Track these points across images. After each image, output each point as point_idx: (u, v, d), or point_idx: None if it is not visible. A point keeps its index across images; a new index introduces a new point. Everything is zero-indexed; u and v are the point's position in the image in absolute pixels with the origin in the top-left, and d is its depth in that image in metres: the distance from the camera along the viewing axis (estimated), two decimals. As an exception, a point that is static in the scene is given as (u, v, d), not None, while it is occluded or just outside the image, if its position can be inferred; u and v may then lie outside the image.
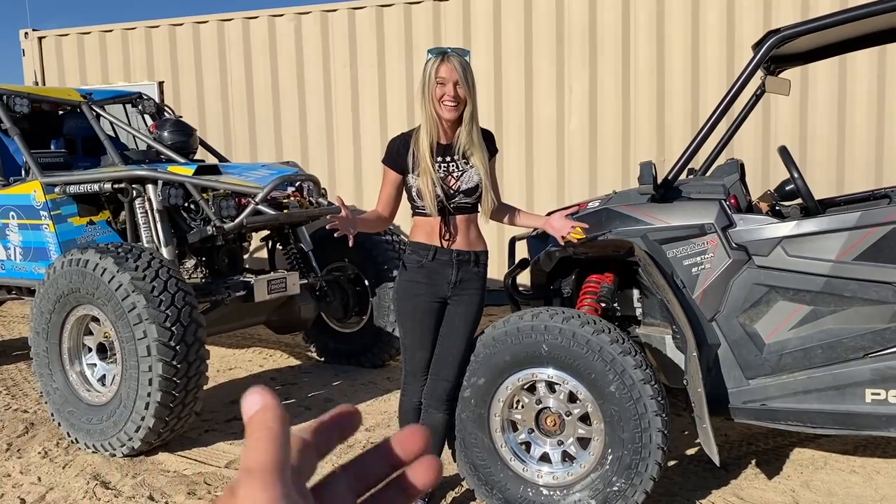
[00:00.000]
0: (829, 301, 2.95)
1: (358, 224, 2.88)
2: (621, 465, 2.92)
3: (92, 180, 4.60)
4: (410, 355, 3.10)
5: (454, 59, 2.92)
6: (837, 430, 3.01)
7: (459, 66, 2.91)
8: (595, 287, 3.49)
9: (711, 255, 3.09)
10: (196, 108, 8.31)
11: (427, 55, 2.98)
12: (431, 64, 2.93)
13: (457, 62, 2.92)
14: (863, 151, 6.71)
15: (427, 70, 2.94)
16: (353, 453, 3.97)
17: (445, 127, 2.99)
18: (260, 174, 4.90)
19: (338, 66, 7.92)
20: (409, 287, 3.02)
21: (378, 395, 4.97)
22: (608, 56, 7.15)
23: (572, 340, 2.95)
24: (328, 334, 5.74)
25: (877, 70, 6.61)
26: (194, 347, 3.89)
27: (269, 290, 4.71)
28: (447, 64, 2.91)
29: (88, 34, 8.72)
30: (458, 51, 2.97)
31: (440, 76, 2.90)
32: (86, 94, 5.56)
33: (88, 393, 4.16)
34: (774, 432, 4.00)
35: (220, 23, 8.24)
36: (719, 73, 6.90)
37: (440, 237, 2.99)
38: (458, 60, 2.92)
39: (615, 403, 2.90)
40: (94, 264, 3.92)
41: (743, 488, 3.45)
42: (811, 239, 2.94)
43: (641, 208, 3.24)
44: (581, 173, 7.31)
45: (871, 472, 3.56)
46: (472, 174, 2.98)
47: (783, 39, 3.06)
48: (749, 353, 3.08)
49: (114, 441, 3.94)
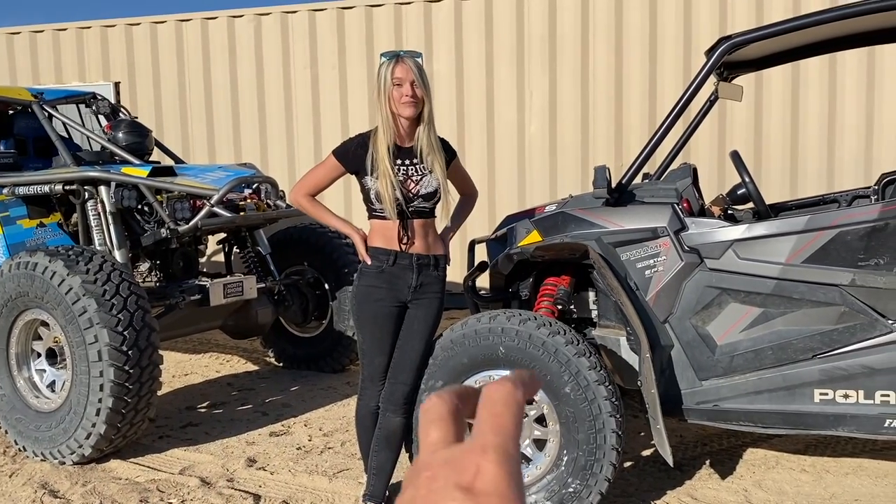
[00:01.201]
0: (778, 303, 3.00)
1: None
2: (576, 466, 2.94)
3: (42, 181, 4.49)
4: (369, 360, 3.08)
5: (409, 61, 2.93)
6: (788, 429, 3.07)
7: (414, 67, 2.93)
8: (552, 290, 3.51)
9: (664, 257, 3.13)
10: (153, 109, 8.18)
11: (381, 59, 2.98)
12: (386, 67, 2.94)
13: (411, 63, 2.93)
14: (815, 157, 6.86)
15: (382, 73, 2.94)
16: (309, 457, 3.95)
17: (403, 129, 2.99)
18: (216, 176, 4.83)
19: (298, 68, 7.86)
20: (369, 292, 3.00)
21: (337, 400, 4.93)
22: (567, 62, 7.22)
23: (528, 342, 2.96)
24: (287, 339, 5.68)
25: (828, 77, 6.77)
26: (147, 352, 3.82)
27: (225, 293, 4.64)
28: (402, 65, 2.92)
29: (41, 32, 8.53)
30: (411, 53, 2.98)
31: (396, 76, 2.90)
32: (37, 93, 5.43)
33: (37, 399, 4.06)
34: (728, 433, 4.06)
35: (178, 23, 8.13)
36: (676, 79, 7.00)
37: (399, 241, 2.98)
38: (412, 62, 2.94)
39: (570, 404, 2.92)
40: (44, 267, 3.83)
41: (697, 488, 3.49)
42: (761, 242, 3.00)
43: (596, 212, 3.27)
44: (542, 176, 7.36)
45: (821, 470, 3.64)
46: (430, 179, 2.98)
47: (734, 46, 3.12)
48: (701, 355, 3.12)
49: (63, 448, 3.85)
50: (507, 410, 0.41)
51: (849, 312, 2.92)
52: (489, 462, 0.38)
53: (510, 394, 0.42)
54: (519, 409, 0.41)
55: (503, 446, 0.39)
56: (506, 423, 0.40)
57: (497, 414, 0.41)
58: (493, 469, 0.38)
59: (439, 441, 0.41)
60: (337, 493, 3.54)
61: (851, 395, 2.94)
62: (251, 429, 4.43)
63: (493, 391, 0.42)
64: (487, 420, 0.40)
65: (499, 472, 0.38)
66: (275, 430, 4.40)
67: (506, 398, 0.41)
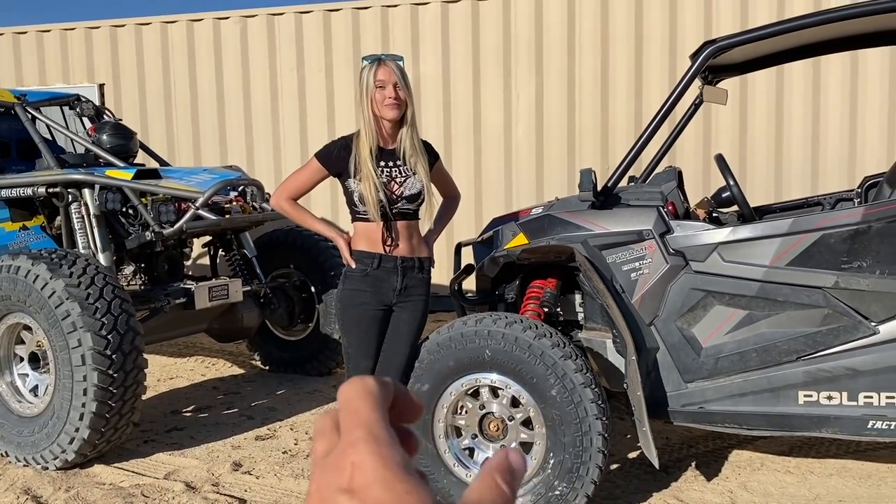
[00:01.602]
0: (763, 305, 3.02)
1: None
2: (563, 468, 2.94)
3: (25, 184, 4.46)
4: (355, 364, 3.07)
5: (391, 63, 2.94)
6: (772, 431, 3.09)
7: (396, 69, 2.93)
8: (538, 292, 3.51)
9: (649, 260, 3.14)
10: (138, 111, 8.13)
11: (362, 62, 2.99)
12: (368, 70, 2.94)
13: (393, 65, 2.93)
14: (799, 159, 6.91)
15: (364, 76, 2.94)
16: (295, 461, 3.93)
17: (385, 132, 2.99)
18: (201, 178, 4.81)
19: (285, 71, 7.84)
20: (354, 296, 2.99)
21: (323, 404, 4.91)
22: (554, 64, 7.24)
23: (514, 345, 2.96)
24: (273, 342, 5.66)
25: (812, 80, 6.82)
26: (131, 356, 3.79)
27: (211, 297, 4.62)
28: (384, 67, 2.92)
29: (24, 34, 8.46)
30: (393, 56, 2.99)
31: (379, 79, 2.90)
32: (20, 94, 5.39)
33: (19, 404, 4.02)
34: (714, 435, 4.08)
35: (163, 25, 8.09)
36: (662, 82, 7.04)
37: (383, 244, 2.97)
38: (394, 64, 2.94)
39: (556, 407, 2.92)
40: (27, 271, 3.79)
41: (682, 490, 3.50)
42: (746, 245, 3.01)
43: (582, 215, 3.27)
44: (528, 178, 7.38)
45: (805, 472, 3.65)
46: (414, 181, 2.98)
47: (719, 50, 3.13)
48: (687, 357, 3.14)
49: (46, 454, 3.81)
50: (362, 402, 0.42)
51: (832, 315, 2.94)
52: (359, 454, 0.39)
53: (359, 387, 0.43)
54: (373, 397, 0.42)
55: (369, 433, 0.40)
56: (364, 413, 0.41)
57: (354, 409, 0.41)
58: (365, 459, 0.39)
59: (324, 452, 0.41)
60: (323, 497, 3.52)
61: (835, 397, 2.96)
62: (237, 433, 4.41)
63: (344, 392, 0.43)
64: (347, 419, 0.41)
65: (372, 460, 0.38)
66: (260, 434, 4.38)
67: (357, 392, 0.42)
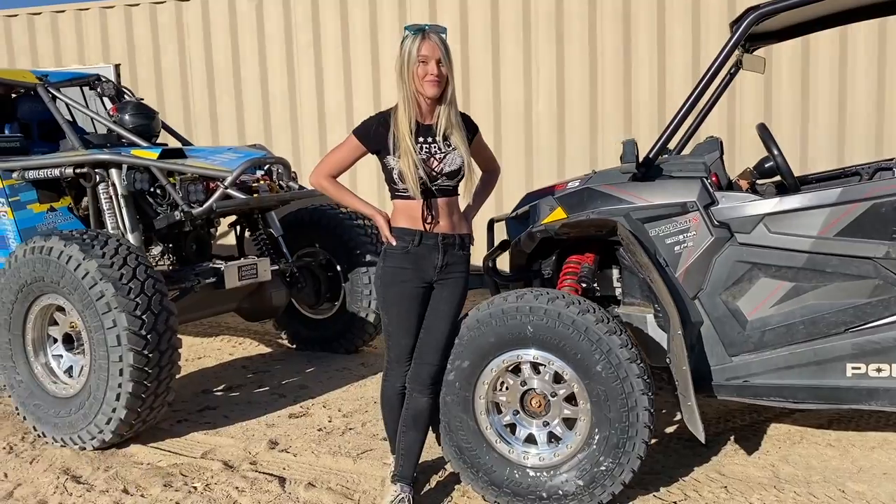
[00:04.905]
0: (811, 277, 2.97)
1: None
2: (608, 444, 2.91)
3: (53, 165, 4.43)
4: (395, 342, 3.04)
5: (434, 37, 2.85)
6: (819, 404, 3.05)
7: (440, 44, 2.86)
8: (575, 268, 3.47)
9: (694, 233, 3.09)
10: (154, 91, 8.09)
11: (404, 31, 2.90)
12: (411, 41, 2.85)
13: (437, 39, 2.86)
14: (825, 131, 6.80)
15: (406, 47, 2.86)
16: (331, 439, 3.93)
17: (424, 107, 2.93)
18: (227, 157, 4.77)
19: (301, 48, 7.77)
20: (396, 273, 2.96)
21: (353, 381, 4.91)
22: (575, 37, 7.13)
23: (558, 321, 2.92)
24: (299, 321, 5.65)
25: (839, 51, 6.70)
26: (166, 336, 3.78)
27: (240, 276, 4.60)
28: (428, 41, 2.84)
29: (39, 14, 8.41)
30: (436, 28, 2.90)
31: (422, 54, 2.82)
32: (41, 75, 5.35)
33: (55, 385, 4.02)
34: (750, 408, 4.05)
35: (178, 3, 8.01)
36: (685, 54, 6.93)
37: (424, 221, 2.93)
38: (437, 38, 2.86)
39: (602, 383, 2.89)
40: (59, 252, 3.77)
41: (724, 464, 3.48)
42: (793, 216, 2.96)
43: (623, 187, 3.22)
44: (549, 154, 7.31)
45: (847, 445, 3.62)
46: (454, 156, 2.93)
47: (762, 16, 3.06)
48: (732, 331, 3.10)
49: (83, 434, 3.82)
50: None
51: (882, 285, 2.89)
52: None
53: None
54: None
55: None
56: None
57: None
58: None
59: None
60: (362, 474, 3.52)
61: (885, 369, 2.92)
62: (270, 411, 4.41)
63: None
64: None
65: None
66: (294, 412, 4.38)
67: None
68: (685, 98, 3.16)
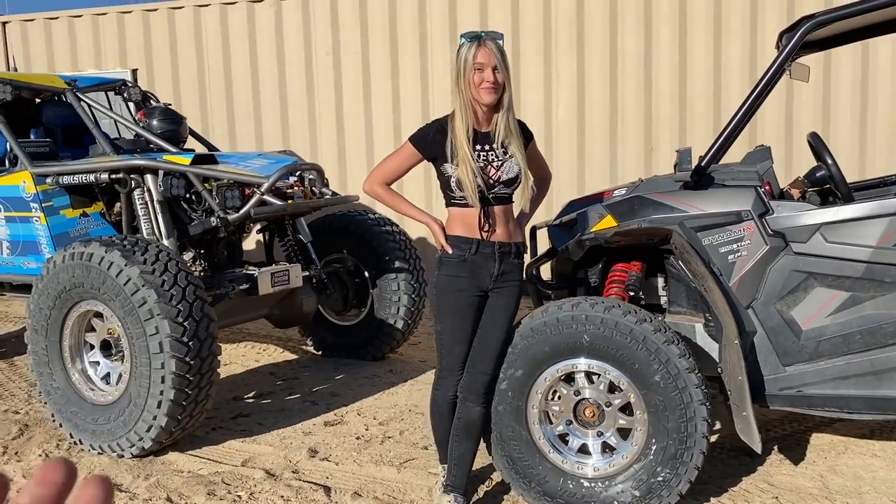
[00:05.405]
0: (868, 287, 2.96)
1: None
2: (666, 454, 2.90)
3: (88, 170, 4.40)
4: (449, 350, 3.02)
5: (490, 44, 2.85)
6: (875, 415, 3.04)
7: (497, 51, 2.85)
8: (622, 276, 3.46)
9: (748, 242, 3.08)
10: (172, 96, 8.06)
11: (460, 39, 2.90)
12: (467, 49, 2.85)
13: (493, 46, 2.85)
14: (884, 137, 6.69)
15: (462, 55, 2.86)
16: (371, 447, 3.90)
17: (481, 114, 2.92)
18: (259, 164, 4.75)
19: (320, 54, 7.76)
20: (452, 282, 2.94)
21: (384, 389, 4.88)
22: (596, 43, 7.13)
23: (615, 330, 2.91)
24: (325, 327, 5.62)
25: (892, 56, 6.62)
26: (207, 343, 3.75)
27: (273, 282, 4.57)
28: (484, 48, 2.83)
29: (56, 20, 8.40)
30: (493, 34, 2.90)
31: (478, 61, 2.82)
32: (70, 80, 5.33)
33: (92, 392, 3.99)
34: (790, 417, 4.04)
35: (196, 8, 8.00)
36: (706, 61, 6.93)
37: (480, 229, 2.92)
38: (494, 44, 2.86)
39: (660, 393, 2.87)
40: (100, 258, 3.75)
41: (772, 475, 3.46)
42: (851, 225, 2.95)
43: (675, 195, 3.21)
44: (569, 161, 7.30)
45: (892, 455, 3.61)
46: (511, 164, 2.91)
47: (817, 25, 3.05)
48: (786, 340, 3.08)
49: (123, 441, 3.79)
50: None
51: (942, 296, 2.88)
52: None
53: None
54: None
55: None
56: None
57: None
58: None
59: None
60: (407, 484, 3.49)
61: (943, 380, 2.91)
62: (304, 419, 4.38)
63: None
64: None
65: None
66: (329, 420, 4.35)
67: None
68: (736, 107, 3.16)
